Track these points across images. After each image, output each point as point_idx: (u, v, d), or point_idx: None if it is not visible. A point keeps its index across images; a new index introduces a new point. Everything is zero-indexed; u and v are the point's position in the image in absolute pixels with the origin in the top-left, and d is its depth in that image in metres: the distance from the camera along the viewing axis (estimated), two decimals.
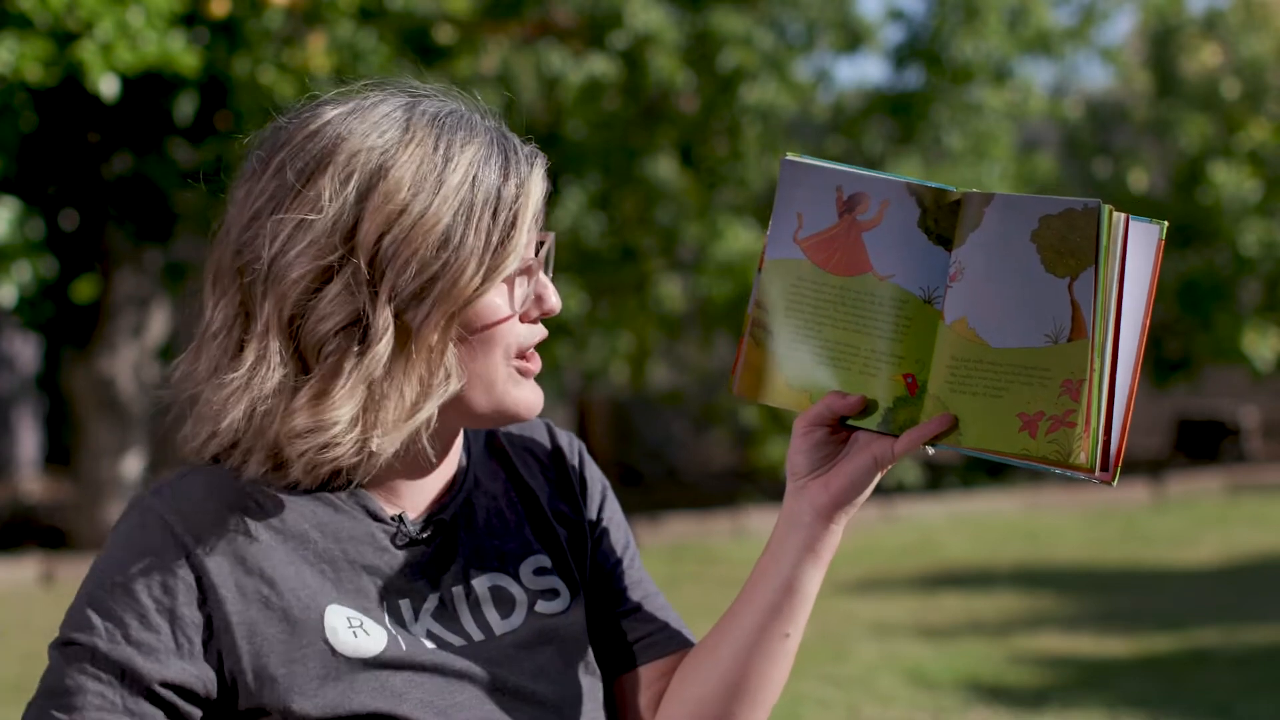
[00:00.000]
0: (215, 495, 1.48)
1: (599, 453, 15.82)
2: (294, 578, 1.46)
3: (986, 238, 1.47)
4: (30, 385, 15.64)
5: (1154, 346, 15.00)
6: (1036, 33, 12.56)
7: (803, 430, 1.55)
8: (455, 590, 1.55)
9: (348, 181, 1.43)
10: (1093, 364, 1.42)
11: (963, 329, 1.48)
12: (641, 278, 13.05)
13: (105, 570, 1.46)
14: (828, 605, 8.57)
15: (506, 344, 1.50)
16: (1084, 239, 1.43)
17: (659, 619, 1.66)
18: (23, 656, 7.43)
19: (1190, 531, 11.34)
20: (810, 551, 1.56)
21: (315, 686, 1.43)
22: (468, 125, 1.50)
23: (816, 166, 1.56)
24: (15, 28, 8.05)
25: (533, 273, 1.52)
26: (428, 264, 1.43)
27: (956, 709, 6.18)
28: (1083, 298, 1.43)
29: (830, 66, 13.25)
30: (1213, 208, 13.80)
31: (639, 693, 1.63)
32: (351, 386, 1.43)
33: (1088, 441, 1.42)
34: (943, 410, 1.48)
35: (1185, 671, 6.75)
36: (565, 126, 12.02)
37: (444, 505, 1.57)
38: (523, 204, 1.49)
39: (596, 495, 1.70)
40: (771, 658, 1.58)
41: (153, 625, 1.43)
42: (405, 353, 1.43)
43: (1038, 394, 1.44)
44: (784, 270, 1.57)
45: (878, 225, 1.52)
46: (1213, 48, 14.41)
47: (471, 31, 11.33)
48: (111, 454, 10.45)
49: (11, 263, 9.41)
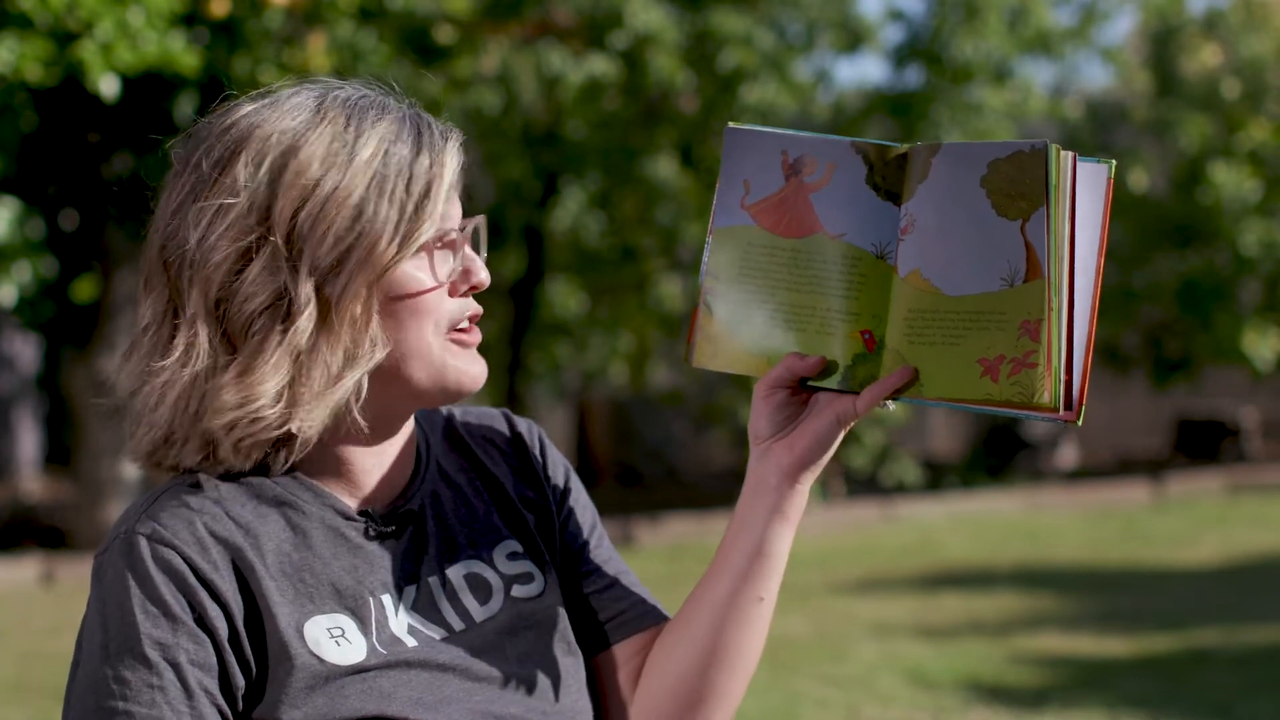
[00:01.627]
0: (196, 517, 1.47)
1: (599, 453, 15.82)
2: (274, 591, 1.47)
3: (936, 188, 1.47)
4: (30, 385, 15.65)
5: (1154, 346, 15.01)
6: (1036, 33, 12.57)
7: (763, 394, 1.55)
8: (432, 580, 1.56)
9: (261, 164, 1.47)
10: (1050, 303, 1.42)
11: (917, 280, 1.48)
12: (641, 278, 13.05)
13: (123, 629, 1.43)
14: (828, 605, 8.57)
15: (436, 317, 1.51)
16: (1034, 180, 1.43)
17: (631, 596, 1.67)
18: (22, 656, 7.43)
19: (1190, 531, 11.34)
20: (779, 514, 1.57)
21: (303, 697, 1.44)
22: (380, 106, 1.52)
23: (761, 132, 1.56)
24: (15, 28, 8.05)
25: (457, 247, 1.53)
26: (343, 236, 1.45)
27: (956, 709, 6.18)
28: (1035, 238, 1.43)
29: (830, 66, 13.27)
30: (1213, 208, 13.80)
31: (617, 670, 1.64)
32: (277, 361, 1.45)
33: (1050, 380, 1.42)
34: (902, 363, 1.48)
35: (1185, 671, 6.75)
36: (565, 126, 12.02)
37: (409, 496, 1.59)
38: (436, 174, 1.49)
39: (560, 478, 1.71)
40: (746, 624, 1.59)
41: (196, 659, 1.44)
42: (328, 324, 1.45)
43: (996, 338, 1.44)
44: (734, 237, 1.57)
45: (825, 186, 1.53)
46: (1213, 48, 14.42)
47: (471, 31, 11.34)
48: (111, 454, 10.45)
49: (11, 263, 9.42)
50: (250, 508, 1.50)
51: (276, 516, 1.50)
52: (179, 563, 1.43)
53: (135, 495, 10.50)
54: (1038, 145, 1.43)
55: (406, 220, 1.47)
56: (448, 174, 1.50)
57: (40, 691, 6.53)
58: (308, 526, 1.51)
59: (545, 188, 12.62)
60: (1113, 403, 16.46)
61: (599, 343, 13.69)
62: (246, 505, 1.50)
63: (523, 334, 12.95)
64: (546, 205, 12.54)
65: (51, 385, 15.14)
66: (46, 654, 7.48)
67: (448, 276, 1.52)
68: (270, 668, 1.45)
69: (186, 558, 1.44)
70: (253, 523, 1.49)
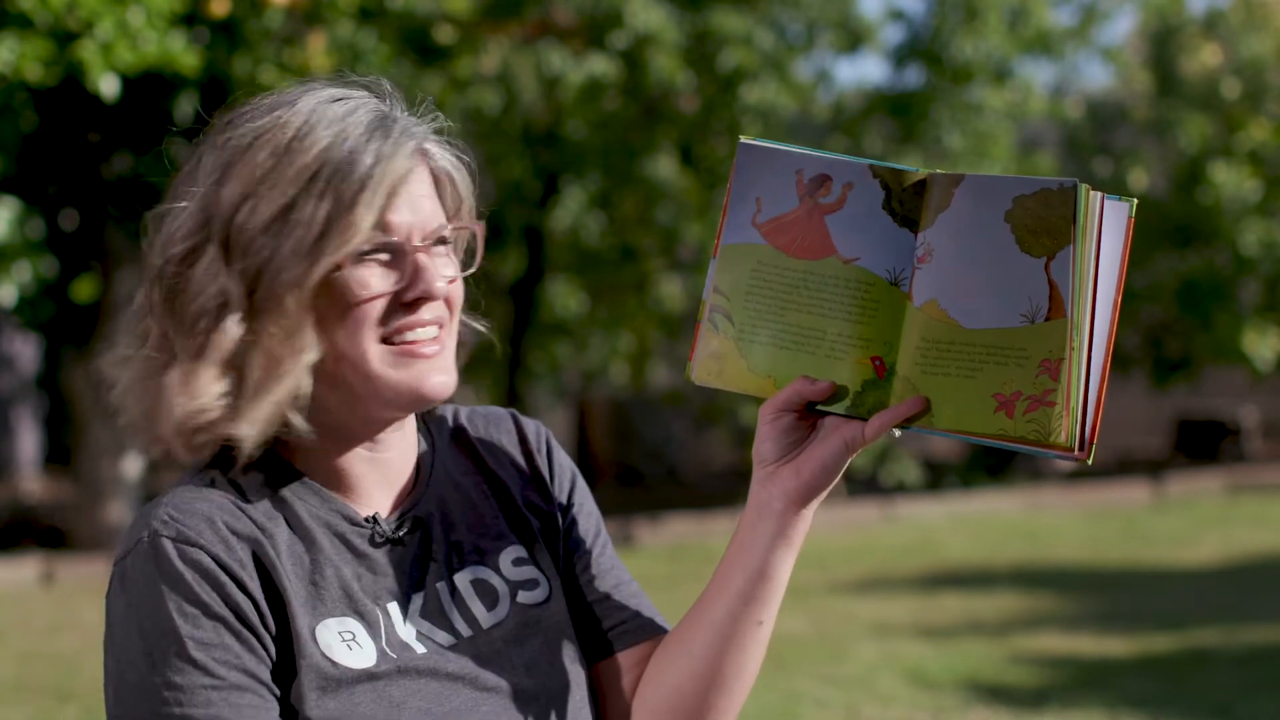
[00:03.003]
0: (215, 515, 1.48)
1: (599, 453, 15.82)
2: (291, 590, 1.48)
3: (957, 219, 1.46)
4: (30, 385, 15.65)
5: (1154, 346, 15.01)
6: (1036, 33, 12.57)
7: (770, 416, 1.54)
8: (439, 586, 1.56)
9: (216, 166, 1.49)
10: (1071, 343, 1.42)
11: (933, 310, 1.47)
12: (641, 278, 13.05)
13: (163, 635, 1.43)
14: (828, 605, 8.57)
15: (374, 325, 1.49)
16: (1060, 218, 1.42)
17: (631, 606, 1.67)
18: (22, 656, 7.43)
19: (1190, 531, 11.34)
20: (783, 538, 1.56)
21: (316, 699, 1.45)
22: (348, 108, 1.50)
23: (776, 150, 1.54)
24: (15, 27, 8.05)
25: (407, 254, 1.50)
26: (271, 236, 1.46)
27: (956, 709, 6.18)
28: (1060, 277, 1.42)
29: (830, 66, 13.29)
30: (1213, 208, 13.80)
31: (616, 680, 1.64)
32: (215, 360, 1.46)
33: (1067, 421, 1.42)
34: (914, 392, 1.47)
35: (1185, 671, 6.75)
36: (565, 126, 12.02)
37: (415, 501, 1.59)
38: (373, 176, 1.46)
39: (566, 483, 1.71)
40: (745, 647, 1.59)
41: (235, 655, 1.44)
42: (259, 325, 1.46)
43: (1014, 374, 1.43)
44: (742, 255, 1.55)
45: (841, 208, 1.51)
46: (1213, 48, 14.42)
47: (471, 31, 11.33)
48: (111, 454, 10.45)
49: (11, 263, 9.42)
50: (262, 508, 1.51)
51: (285, 519, 1.51)
52: (208, 561, 1.44)
53: (135, 495, 10.50)
54: (1066, 184, 1.42)
55: (334, 223, 1.45)
56: (389, 177, 1.47)
57: (40, 691, 6.54)
58: (316, 530, 1.52)
59: (545, 188, 12.62)
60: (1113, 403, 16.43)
61: (599, 343, 13.69)
62: (259, 506, 1.50)
63: (523, 334, 12.95)
64: (546, 205, 12.54)
65: (51, 385, 15.15)
66: (46, 654, 7.48)
67: (391, 286, 1.49)
68: (291, 664, 1.46)
69: (214, 555, 1.44)
70: (266, 523, 1.50)
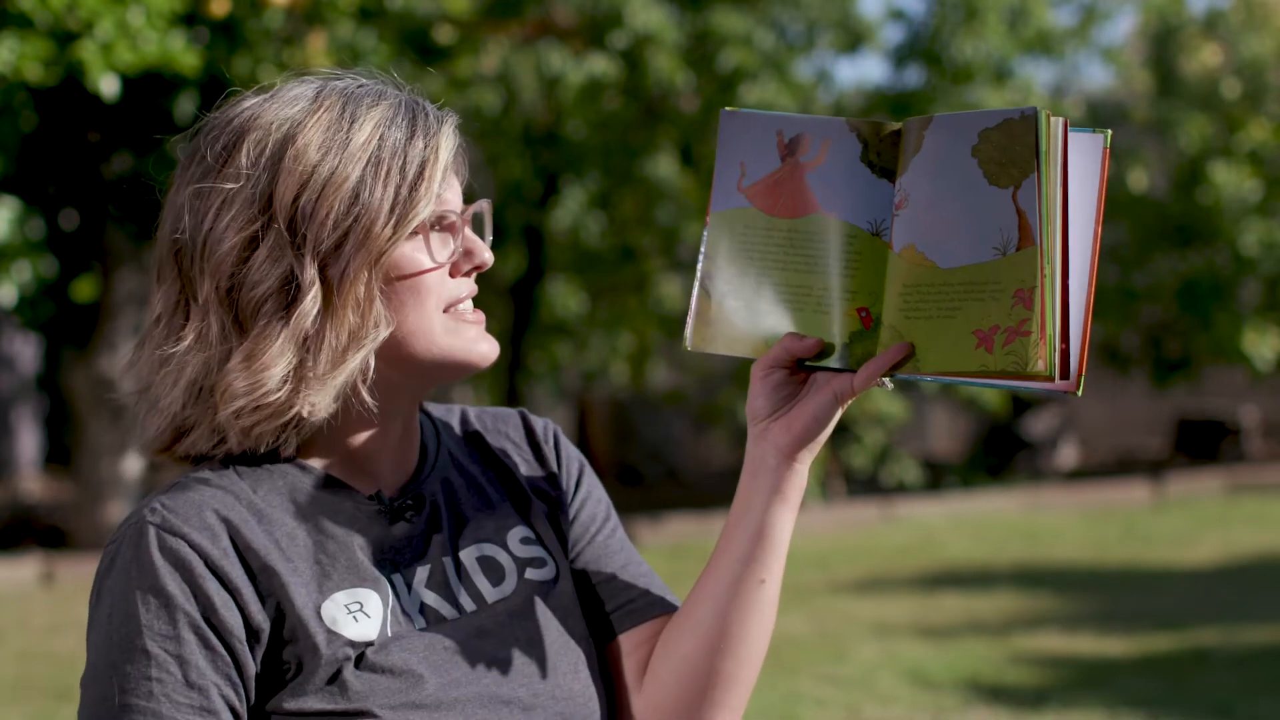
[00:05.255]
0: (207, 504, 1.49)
1: (599, 453, 15.81)
2: (289, 573, 1.48)
3: (928, 160, 1.46)
4: (30, 385, 15.65)
5: (1154, 346, 15.01)
6: (1036, 33, 12.57)
7: (761, 374, 1.55)
8: (445, 561, 1.58)
9: (262, 152, 1.50)
10: (1043, 270, 1.41)
11: (911, 255, 1.47)
12: (641, 278, 13.05)
13: (125, 620, 1.45)
14: (828, 605, 8.57)
15: (438, 295, 1.54)
16: (1024, 146, 1.41)
17: (639, 586, 1.68)
18: (22, 656, 7.44)
19: (1190, 531, 11.34)
20: (778, 494, 1.57)
21: (321, 678, 1.46)
22: (375, 94, 1.55)
23: (755, 114, 1.56)
24: (15, 27, 8.05)
25: (457, 229, 1.56)
26: (341, 218, 1.48)
27: (956, 709, 6.18)
28: (1027, 205, 1.41)
29: (830, 66, 13.29)
30: (1213, 208, 13.80)
31: (626, 659, 1.65)
32: (283, 344, 1.48)
33: (1044, 348, 1.40)
34: (899, 339, 1.47)
35: (1185, 671, 6.75)
36: (565, 126, 12.02)
37: (420, 480, 1.61)
38: (430, 156, 1.52)
39: (574, 470, 1.73)
40: (750, 608, 1.60)
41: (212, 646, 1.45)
42: (332, 307, 1.49)
43: (991, 308, 1.42)
44: (731, 220, 1.56)
45: (821, 164, 1.52)
46: (1213, 48, 14.42)
47: (471, 31, 11.34)
48: (111, 454, 10.45)
49: (11, 263, 9.42)
50: (262, 492, 1.52)
51: (288, 500, 1.53)
52: (186, 551, 1.45)
53: (135, 495, 10.50)
54: (1027, 112, 1.42)
55: (402, 201, 1.50)
56: (443, 155, 1.53)
57: (40, 691, 6.54)
58: (320, 509, 1.53)
59: (545, 188, 12.62)
60: (1113, 403, 16.47)
61: (599, 342, 13.69)
62: (258, 490, 1.52)
63: (523, 334, 12.95)
64: (546, 205, 12.55)
65: (51, 385, 15.14)
66: (46, 654, 7.48)
67: (448, 257, 1.54)
68: (287, 651, 1.47)
69: (195, 545, 1.45)
70: (265, 507, 1.51)
